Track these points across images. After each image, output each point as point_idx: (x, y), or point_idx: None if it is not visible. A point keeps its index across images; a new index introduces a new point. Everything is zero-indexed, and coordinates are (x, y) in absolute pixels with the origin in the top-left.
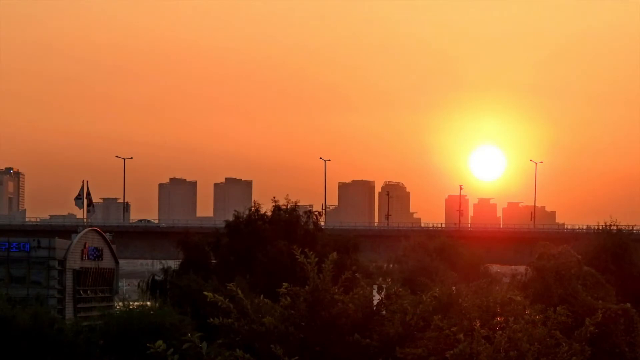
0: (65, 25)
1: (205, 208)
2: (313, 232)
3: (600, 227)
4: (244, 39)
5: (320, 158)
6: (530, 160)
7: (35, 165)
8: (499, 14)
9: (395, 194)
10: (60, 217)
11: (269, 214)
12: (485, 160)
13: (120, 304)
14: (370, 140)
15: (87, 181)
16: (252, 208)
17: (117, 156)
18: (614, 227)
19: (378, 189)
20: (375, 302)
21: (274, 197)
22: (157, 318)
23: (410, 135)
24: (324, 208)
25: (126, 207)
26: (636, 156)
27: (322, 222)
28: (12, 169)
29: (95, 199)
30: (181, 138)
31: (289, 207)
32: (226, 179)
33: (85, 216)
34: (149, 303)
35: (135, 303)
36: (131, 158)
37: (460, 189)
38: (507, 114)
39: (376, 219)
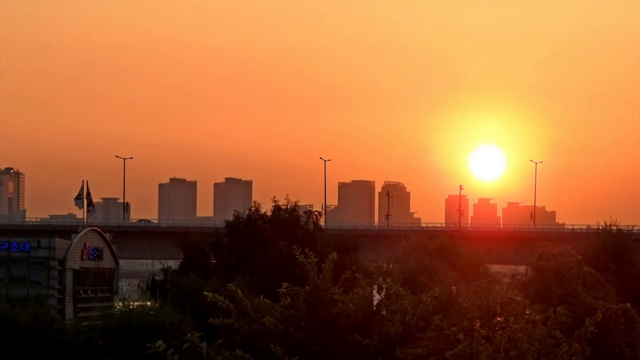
0: (65, 25)
1: (205, 208)
2: (313, 232)
3: (600, 227)
4: (244, 39)
5: (320, 158)
6: (530, 160)
7: (35, 165)
8: (499, 14)
9: (395, 194)
10: (60, 217)
11: (269, 214)
12: (485, 160)
13: (120, 304)
14: (370, 140)
15: (87, 181)
16: (252, 208)
17: (117, 156)
18: (614, 227)
19: (378, 189)
20: (375, 302)
21: (274, 197)
22: (157, 318)
23: (410, 135)
24: (324, 208)
25: (126, 207)
26: (636, 156)
27: (322, 222)
28: (12, 169)
29: (95, 199)
30: (181, 138)
31: (289, 207)
32: (226, 179)
33: (85, 216)
34: (149, 303)
35: (135, 303)
36: (131, 158)
37: (460, 189)
38: (507, 114)
39: (376, 219)
